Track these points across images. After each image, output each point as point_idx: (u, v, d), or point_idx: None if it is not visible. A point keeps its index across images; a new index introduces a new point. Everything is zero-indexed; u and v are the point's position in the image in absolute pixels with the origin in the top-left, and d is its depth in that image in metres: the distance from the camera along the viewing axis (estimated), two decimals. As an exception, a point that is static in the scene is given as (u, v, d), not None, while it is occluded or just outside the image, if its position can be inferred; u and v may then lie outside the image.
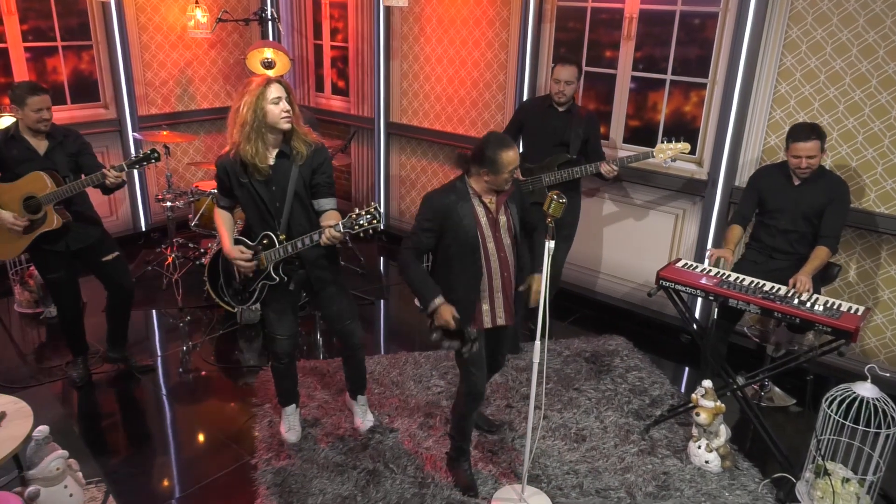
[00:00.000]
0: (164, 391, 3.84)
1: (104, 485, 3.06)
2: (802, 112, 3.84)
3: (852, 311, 2.98)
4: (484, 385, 2.96)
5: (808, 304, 3.01)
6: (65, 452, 2.79)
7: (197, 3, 5.66)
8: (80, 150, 3.55)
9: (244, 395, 3.79)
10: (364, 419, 3.47)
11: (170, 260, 5.10)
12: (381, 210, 2.81)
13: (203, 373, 4.05)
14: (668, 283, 3.31)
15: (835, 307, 3.00)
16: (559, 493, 3.06)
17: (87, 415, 3.64)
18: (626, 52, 4.43)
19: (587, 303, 4.97)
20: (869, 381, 2.85)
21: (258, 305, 4.54)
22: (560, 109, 4.03)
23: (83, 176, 3.49)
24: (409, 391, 3.81)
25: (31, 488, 2.66)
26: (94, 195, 3.69)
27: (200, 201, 4.98)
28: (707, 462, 3.22)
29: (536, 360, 2.74)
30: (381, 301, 5.09)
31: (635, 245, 4.72)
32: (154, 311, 4.75)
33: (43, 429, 2.74)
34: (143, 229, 6.01)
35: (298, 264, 3.04)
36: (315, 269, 3.04)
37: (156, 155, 3.41)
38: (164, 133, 5.03)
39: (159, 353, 4.21)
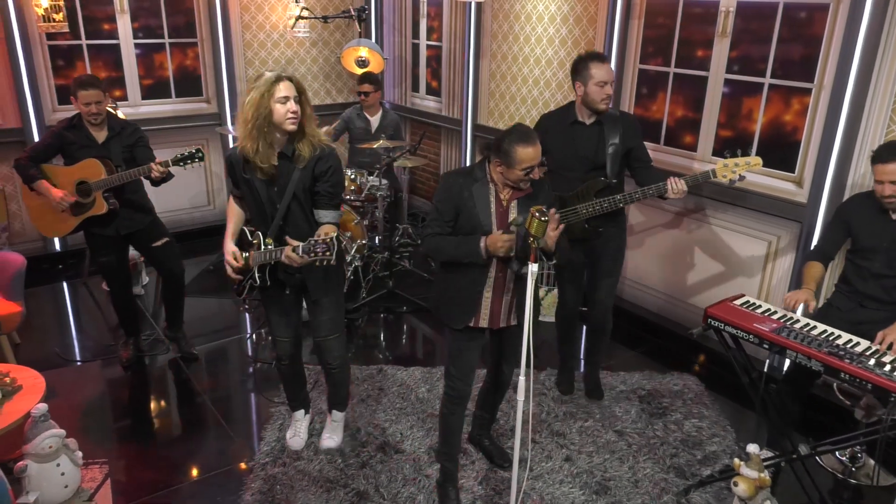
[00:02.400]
0: (197, 381, 3.89)
1: (108, 466, 3.13)
2: (930, 126, 3.10)
3: (949, 383, 2.31)
4: (464, 387, 2.74)
5: (889, 367, 2.38)
6: (61, 432, 2.85)
7: (297, 2, 5.79)
8: (136, 141, 3.68)
9: (271, 393, 3.74)
10: (330, 436, 3.26)
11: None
12: (336, 243, 2.57)
13: (240, 367, 4.07)
14: (717, 323, 2.79)
15: (926, 374, 2.35)
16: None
17: (119, 395, 3.78)
18: (720, 52, 3.85)
19: (663, 333, 4.42)
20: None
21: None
22: (588, 122, 3.26)
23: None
24: (432, 410, 3.56)
25: (19, 463, 2.76)
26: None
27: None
28: (746, 543, 2.67)
29: (521, 398, 2.38)
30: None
31: (722, 273, 4.11)
32: (215, 301, 4.89)
33: (41, 407, 2.82)
34: (238, 220, 6.26)
35: (296, 269, 2.91)
36: (311, 275, 2.88)
37: (200, 154, 3.47)
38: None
39: (206, 343, 4.29)
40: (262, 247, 2.78)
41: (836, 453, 3.20)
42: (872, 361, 2.42)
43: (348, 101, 6.36)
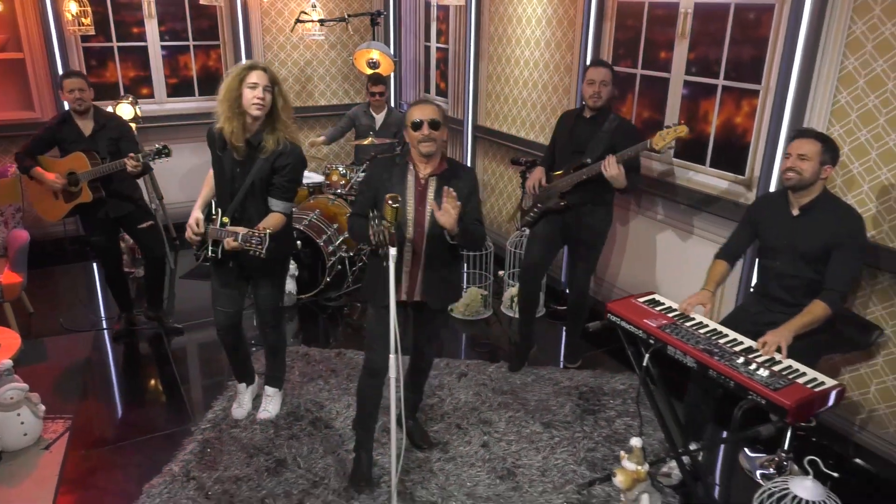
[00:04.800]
0: (173, 354, 4.22)
1: (70, 421, 3.50)
2: (865, 129, 3.02)
3: (811, 385, 2.29)
4: (379, 362, 2.85)
5: (754, 367, 2.38)
6: (24, 386, 3.24)
7: (314, 6, 6.10)
8: (121, 135, 4.06)
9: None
10: (265, 409, 3.51)
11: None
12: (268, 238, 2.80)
13: (216, 343, 4.36)
14: (615, 318, 2.85)
15: (791, 375, 2.34)
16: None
17: (100, 362, 4.15)
18: (680, 53, 3.85)
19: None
20: (811, 476, 2.20)
21: (293, 290, 4.82)
22: (587, 116, 3.67)
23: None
24: (374, 392, 3.75)
25: (-19, 410, 3.16)
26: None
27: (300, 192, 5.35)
28: (625, 534, 2.71)
29: (393, 375, 2.54)
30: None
31: (686, 276, 4.08)
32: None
33: (6, 362, 3.21)
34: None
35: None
36: (249, 255, 3.12)
37: (166, 151, 3.83)
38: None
39: (197, 321, 4.61)
40: (219, 224, 3.06)
41: (758, 465, 3.15)
42: (741, 360, 2.43)
43: (365, 102, 6.62)
